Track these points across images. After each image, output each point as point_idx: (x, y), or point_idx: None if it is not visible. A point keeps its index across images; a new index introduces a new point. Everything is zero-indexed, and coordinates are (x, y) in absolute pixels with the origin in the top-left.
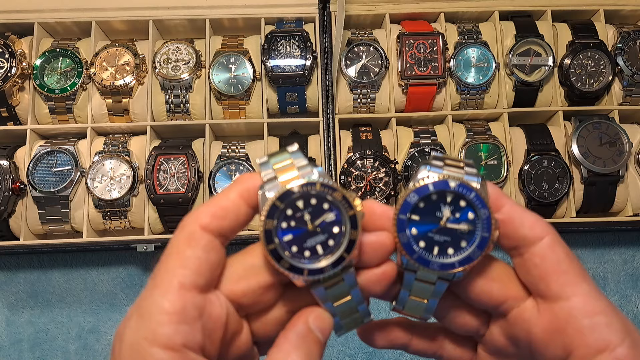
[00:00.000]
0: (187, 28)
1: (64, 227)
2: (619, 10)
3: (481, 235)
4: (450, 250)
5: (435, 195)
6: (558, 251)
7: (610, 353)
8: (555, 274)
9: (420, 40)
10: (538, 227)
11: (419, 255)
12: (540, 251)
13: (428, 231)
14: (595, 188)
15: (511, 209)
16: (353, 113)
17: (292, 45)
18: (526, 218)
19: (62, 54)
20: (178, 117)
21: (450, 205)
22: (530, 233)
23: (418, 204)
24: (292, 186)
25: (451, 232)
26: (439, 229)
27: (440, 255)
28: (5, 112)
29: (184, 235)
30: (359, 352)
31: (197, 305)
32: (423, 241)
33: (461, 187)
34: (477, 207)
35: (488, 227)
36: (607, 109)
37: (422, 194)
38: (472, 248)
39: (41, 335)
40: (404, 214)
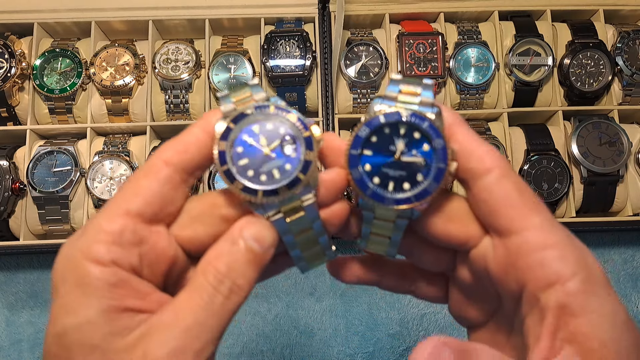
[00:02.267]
0: (186, 28)
1: (64, 227)
2: (619, 10)
3: (437, 167)
4: (406, 185)
5: (388, 127)
6: (505, 184)
7: (561, 287)
8: (503, 208)
9: (419, 40)
10: (487, 159)
11: (373, 191)
12: (487, 185)
13: (382, 166)
14: (595, 188)
15: (462, 138)
16: (353, 113)
17: (291, 45)
18: (477, 149)
19: (61, 54)
20: (178, 117)
21: (405, 137)
22: (477, 165)
23: (370, 137)
24: (246, 109)
25: (407, 166)
26: (394, 163)
27: (396, 190)
28: (5, 112)
29: (143, 167)
30: (358, 352)
31: (137, 232)
32: (377, 177)
33: (414, 117)
34: (431, 137)
35: (444, 158)
36: (606, 108)
37: (374, 126)
38: (428, 181)
39: (41, 335)
40: (356, 149)
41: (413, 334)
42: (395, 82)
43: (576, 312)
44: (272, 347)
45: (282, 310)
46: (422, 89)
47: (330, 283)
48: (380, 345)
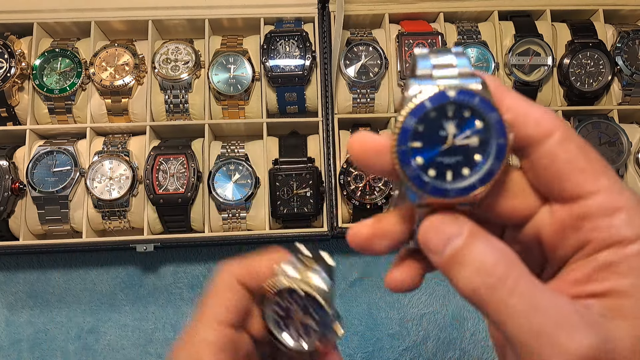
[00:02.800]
0: (186, 28)
1: (64, 227)
2: (618, 10)
3: (496, 143)
4: (465, 170)
5: (434, 112)
6: (569, 148)
7: (621, 248)
8: (569, 173)
9: (419, 40)
10: (545, 122)
11: (432, 186)
12: (549, 150)
13: (435, 156)
14: None
15: (512, 103)
16: (352, 113)
17: (291, 45)
18: (531, 113)
19: (61, 54)
20: (177, 117)
21: (454, 118)
22: (535, 131)
23: (417, 128)
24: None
25: (462, 150)
26: (447, 150)
27: (456, 178)
28: (5, 112)
29: (222, 283)
30: (358, 351)
31: (232, 339)
32: (432, 169)
33: (462, 94)
34: (483, 112)
35: (502, 132)
36: (606, 108)
37: (419, 114)
38: (489, 161)
39: (41, 335)
40: (404, 144)
41: (412, 334)
42: (424, 57)
43: (623, 272)
44: None
45: None
46: (456, 58)
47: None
48: (380, 345)
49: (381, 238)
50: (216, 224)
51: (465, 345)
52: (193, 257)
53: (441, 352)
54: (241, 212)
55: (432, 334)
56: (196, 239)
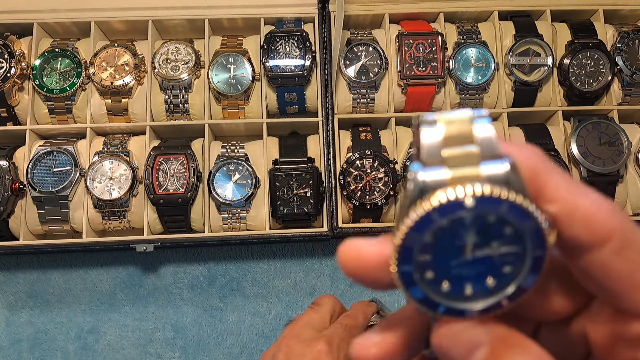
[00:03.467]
0: (186, 28)
1: (64, 227)
2: (619, 10)
3: (532, 255)
4: (490, 281)
5: (447, 222)
6: (630, 258)
7: None
8: (627, 290)
9: (419, 40)
10: (600, 222)
11: (446, 307)
12: (601, 261)
13: (450, 267)
14: (595, 188)
15: (557, 190)
16: (352, 113)
17: (291, 45)
18: (581, 207)
19: (61, 54)
20: (177, 117)
21: (474, 226)
22: (586, 233)
23: (423, 240)
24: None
25: (484, 260)
26: (465, 262)
27: (477, 292)
28: (5, 112)
29: None
30: None
31: None
32: (447, 281)
33: (483, 203)
34: (515, 221)
35: (539, 242)
36: (606, 108)
37: (425, 228)
38: (523, 274)
39: (41, 335)
40: (408, 264)
41: None
42: (430, 125)
43: None
44: None
45: (282, 310)
46: (477, 133)
47: (330, 283)
48: None
49: (393, 358)
50: (216, 224)
51: None
52: (193, 257)
53: None
54: (241, 212)
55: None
56: (196, 239)
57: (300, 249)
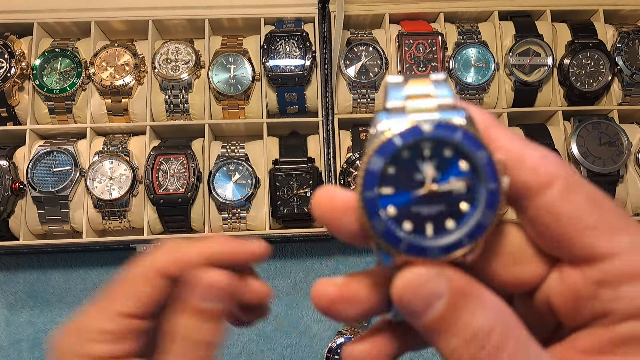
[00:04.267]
0: (186, 28)
1: (64, 227)
2: (619, 10)
3: (487, 189)
4: (449, 223)
5: (407, 150)
6: (575, 199)
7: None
8: (577, 231)
9: (419, 40)
10: (544, 167)
11: (408, 243)
12: (549, 204)
13: (411, 204)
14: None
15: (504, 142)
16: (352, 113)
17: (291, 45)
18: (527, 155)
19: (61, 54)
20: (177, 117)
21: (432, 159)
22: (532, 178)
23: (386, 170)
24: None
25: (445, 198)
26: (426, 197)
27: (438, 233)
28: (5, 112)
29: (136, 273)
30: None
31: (138, 328)
32: (408, 221)
33: (440, 128)
34: (469, 151)
35: (492, 174)
36: (606, 108)
37: (388, 153)
38: (479, 210)
39: (41, 335)
40: (371, 189)
41: None
42: (396, 87)
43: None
44: (272, 347)
45: (282, 310)
46: (435, 88)
47: None
48: None
49: (349, 303)
50: (216, 224)
51: None
52: None
53: None
54: (241, 212)
55: None
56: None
57: (300, 249)
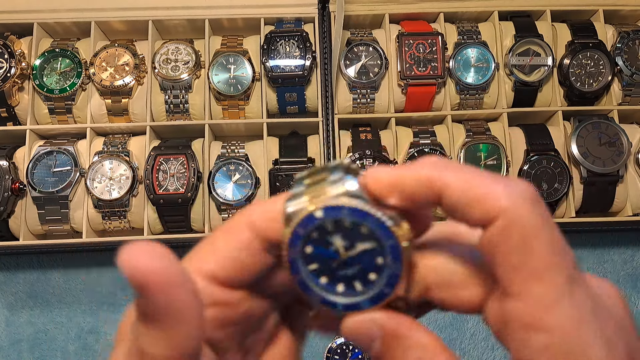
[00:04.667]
0: (186, 28)
1: (64, 227)
2: (618, 10)
3: (388, 245)
4: (358, 286)
5: (314, 233)
6: (511, 236)
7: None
8: (502, 268)
9: (419, 40)
10: (490, 202)
11: (321, 296)
12: (488, 240)
13: (331, 269)
14: (595, 188)
15: (452, 180)
16: (352, 113)
17: (291, 45)
18: (476, 190)
19: (61, 54)
20: (177, 118)
21: (337, 233)
22: (478, 214)
23: (304, 252)
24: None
25: (358, 262)
26: (343, 264)
27: (348, 291)
28: (5, 112)
29: (225, 225)
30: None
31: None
32: (325, 276)
33: (327, 212)
34: (359, 221)
35: (386, 233)
36: (606, 109)
37: (297, 243)
38: (382, 282)
39: (40, 335)
40: (299, 270)
41: None
42: (299, 180)
43: None
44: None
45: None
46: (330, 173)
47: None
48: None
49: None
50: (216, 224)
51: (465, 346)
52: None
53: None
54: None
55: None
56: (196, 239)
57: None
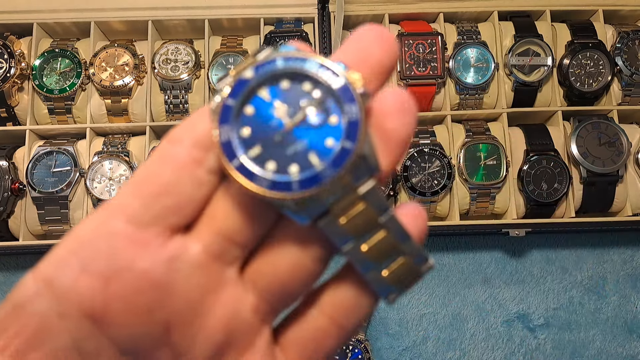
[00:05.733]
0: (186, 28)
1: (63, 227)
2: (618, 11)
3: (337, 88)
4: (314, 158)
5: (247, 105)
6: None
7: None
8: None
9: (419, 40)
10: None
11: (272, 181)
12: None
13: (273, 145)
14: (595, 188)
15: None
16: None
17: None
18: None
19: (61, 54)
20: (177, 118)
21: (276, 98)
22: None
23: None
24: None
25: (306, 132)
26: (287, 136)
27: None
28: (5, 112)
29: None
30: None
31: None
32: (273, 161)
33: (261, 68)
34: (296, 67)
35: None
36: (606, 109)
37: (227, 119)
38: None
39: None
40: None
41: (412, 334)
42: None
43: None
44: None
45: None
46: (259, 54)
47: None
48: (380, 345)
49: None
50: None
51: (465, 346)
52: None
53: (441, 353)
54: None
55: (432, 334)
56: None
57: None
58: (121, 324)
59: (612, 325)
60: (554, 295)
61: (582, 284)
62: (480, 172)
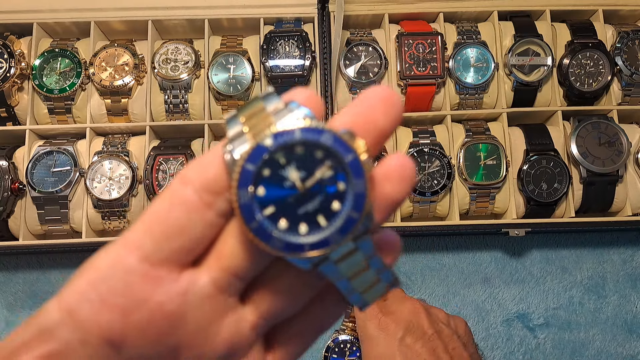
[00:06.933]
0: (186, 28)
1: (63, 227)
2: (618, 10)
3: (348, 161)
4: (322, 220)
5: (265, 169)
6: None
7: None
8: None
9: (419, 40)
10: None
11: (283, 242)
12: None
13: (288, 207)
14: (594, 188)
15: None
16: None
17: (291, 45)
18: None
19: (61, 54)
20: (177, 117)
21: (291, 164)
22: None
23: (257, 195)
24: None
25: (317, 194)
26: (301, 197)
27: (312, 230)
28: (4, 112)
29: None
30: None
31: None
32: (284, 219)
33: (278, 138)
34: (314, 140)
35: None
36: (606, 108)
37: (248, 182)
38: (348, 208)
39: None
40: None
41: None
42: (232, 118)
43: None
44: None
45: None
46: (264, 102)
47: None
48: None
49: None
50: None
51: None
52: None
53: None
54: None
55: None
56: None
57: None
58: (136, 346)
59: (612, 325)
60: (553, 295)
61: (582, 283)
62: (480, 172)
